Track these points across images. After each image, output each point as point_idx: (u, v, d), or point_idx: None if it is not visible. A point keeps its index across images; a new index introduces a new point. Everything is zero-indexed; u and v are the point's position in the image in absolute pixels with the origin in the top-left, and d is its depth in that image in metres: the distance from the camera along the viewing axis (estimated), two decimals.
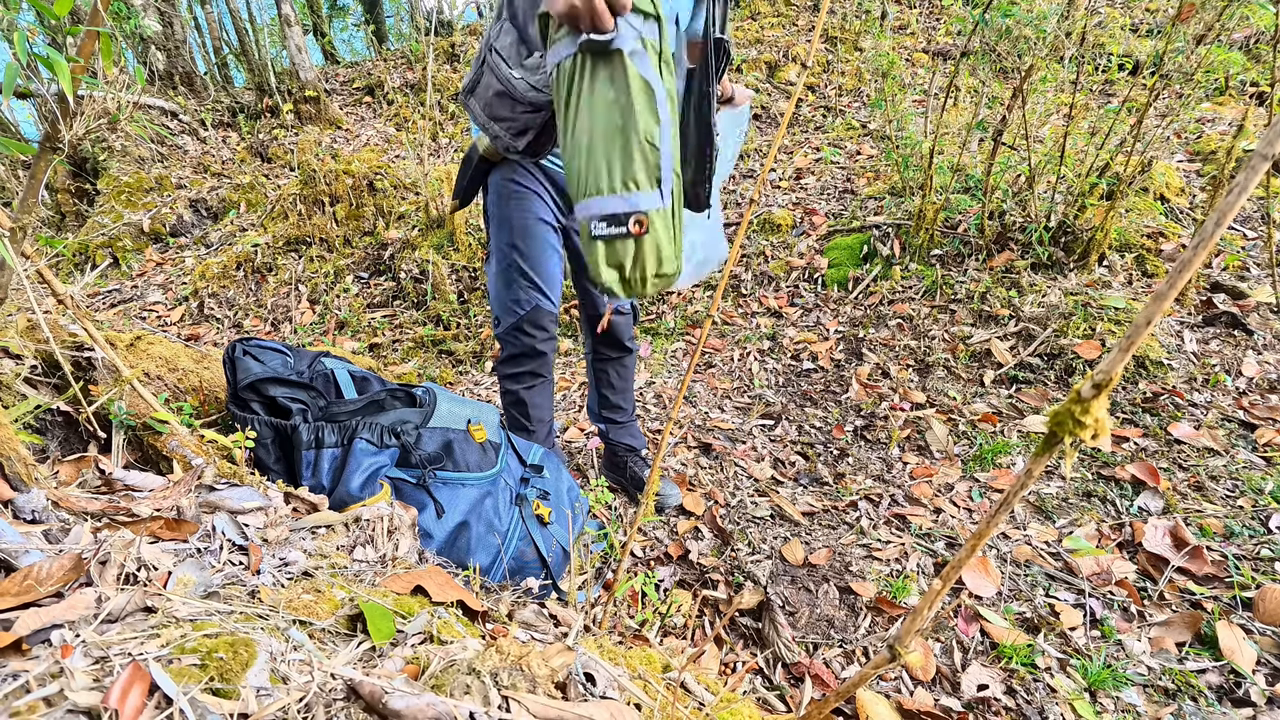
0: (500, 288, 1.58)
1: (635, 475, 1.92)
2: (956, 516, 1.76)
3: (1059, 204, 2.50)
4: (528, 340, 1.61)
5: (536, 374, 1.69)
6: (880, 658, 0.62)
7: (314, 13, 7.26)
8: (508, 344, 1.63)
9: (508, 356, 1.66)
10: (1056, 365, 2.16)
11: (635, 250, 1.05)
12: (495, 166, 1.52)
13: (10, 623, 0.58)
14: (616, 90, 1.03)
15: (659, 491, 1.90)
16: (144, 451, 1.16)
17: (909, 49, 4.88)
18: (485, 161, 1.51)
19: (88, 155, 4.28)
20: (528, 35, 1.22)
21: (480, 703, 0.60)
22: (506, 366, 1.68)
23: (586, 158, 1.04)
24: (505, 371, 1.69)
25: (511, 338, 1.61)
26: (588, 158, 1.04)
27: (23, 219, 0.97)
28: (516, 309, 1.57)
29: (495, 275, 1.58)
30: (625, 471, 1.94)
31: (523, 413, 1.72)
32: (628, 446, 1.94)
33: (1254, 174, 0.35)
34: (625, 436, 1.94)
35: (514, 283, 1.55)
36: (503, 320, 1.61)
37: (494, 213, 1.54)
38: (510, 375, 1.69)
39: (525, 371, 1.67)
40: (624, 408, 1.93)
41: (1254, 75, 3.26)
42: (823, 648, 1.43)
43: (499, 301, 1.59)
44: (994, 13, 2.20)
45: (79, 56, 0.96)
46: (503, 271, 1.56)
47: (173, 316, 3.36)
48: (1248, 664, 1.26)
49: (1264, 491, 1.64)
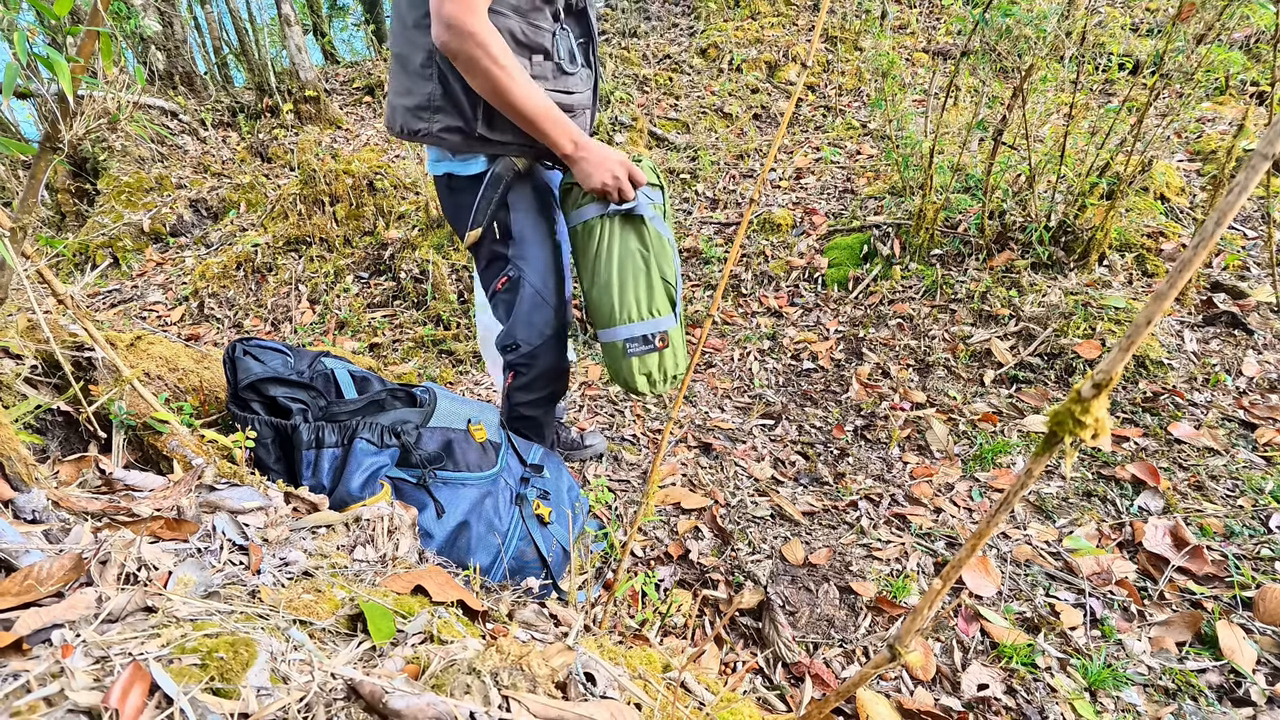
0: (528, 310, 1.46)
1: (566, 439, 2.09)
2: (956, 516, 1.76)
3: (1059, 203, 2.50)
4: (559, 359, 1.54)
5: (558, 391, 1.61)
6: (880, 657, 0.62)
7: (314, 13, 7.26)
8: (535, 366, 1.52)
9: (531, 381, 1.54)
10: (1057, 365, 2.16)
11: (659, 360, 1.44)
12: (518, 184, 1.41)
13: (11, 622, 0.58)
14: (640, 244, 1.40)
15: (586, 441, 2.09)
16: (144, 451, 1.16)
17: (909, 48, 4.88)
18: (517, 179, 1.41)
19: (88, 155, 4.29)
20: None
21: (480, 702, 0.60)
22: (531, 392, 1.56)
23: (617, 293, 1.39)
24: (529, 398, 1.57)
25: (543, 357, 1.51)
26: (618, 293, 1.39)
27: (23, 219, 0.97)
28: (546, 330, 1.48)
29: (524, 298, 1.45)
30: (558, 441, 2.07)
31: (538, 433, 1.64)
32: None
33: (1254, 173, 0.35)
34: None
35: (546, 304, 1.47)
36: (528, 344, 1.48)
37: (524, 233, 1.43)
38: (534, 401, 1.57)
39: (552, 392, 1.59)
40: None
41: (1254, 75, 3.26)
42: (823, 647, 1.43)
43: (527, 325, 1.47)
44: (994, 12, 2.20)
45: (79, 56, 0.96)
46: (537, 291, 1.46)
47: (173, 316, 3.36)
48: (1248, 663, 1.26)
49: (1264, 491, 1.64)
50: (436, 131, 1.31)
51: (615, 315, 1.40)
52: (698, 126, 4.38)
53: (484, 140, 1.31)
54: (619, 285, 1.38)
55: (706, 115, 4.49)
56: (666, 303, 1.42)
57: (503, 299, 1.48)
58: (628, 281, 1.39)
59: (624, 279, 1.39)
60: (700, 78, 4.93)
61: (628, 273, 1.39)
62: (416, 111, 1.31)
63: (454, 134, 1.30)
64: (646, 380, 1.45)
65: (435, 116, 1.30)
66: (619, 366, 1.44)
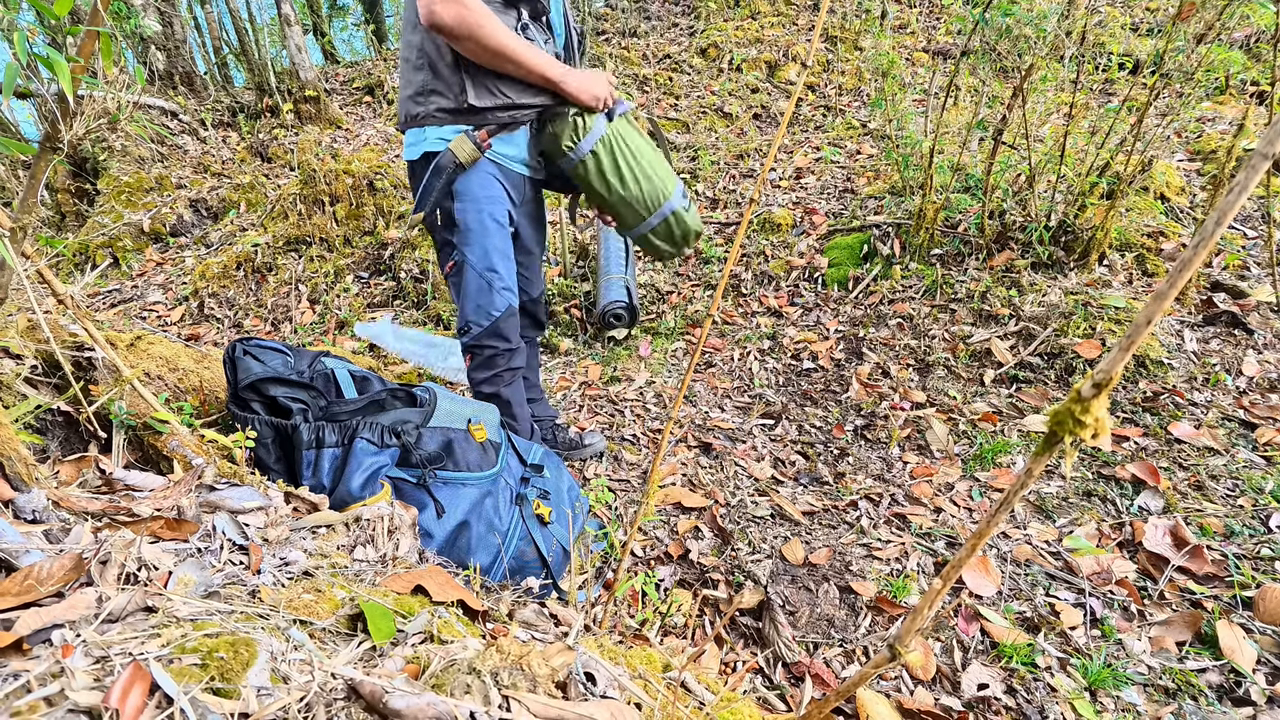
0: (474, 293, 1.61)
1: (565, 439, 2.12)
2: (957, 516, 1.76)
3: (1059, 203, 2.50)
4: (505, 341, 1.67)
5: (513, 368, 1.74)
6: (880, 657, 0.62)
7: (314, 13, 7.25)
8: (485, 349, 1.67)
9: (485, 360, 1.69)
10: (1057, 365, 2.16)
11: (695, 212, 1.73)
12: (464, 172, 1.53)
13: (11, 622, 0.58)
14: (641, 136, 1.65)
15: (585, 441, 2.13)
16: (144, 451, 1.16)
17: (909, 48, 4.88)
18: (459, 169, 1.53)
19: (88, 155, 4.28)
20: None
21: (481, 702, 0.60)
22: (484, 371, 1.71)
23: (658, 174, 1.64)
24: (483, 376, 1.71)
25: (489, 341, 1.66)
26: (659, 173, 1.64)
27: (23, 219, 0.97)
28: (493, 311, 1.62)
29: (469, 282, 1.60)
30: (557, 440, 2.12)
31: (508, 412, 1.75)
32: (550, 419, 2.11)
33: (1254, 173, 0.35)
34: (545, 410, 2.10)
35: (490, 287, 1.61)
36: (476, 325, 1.64)
37: (467, 221, 1.56)
38: (488, 379, 1.72)
39: (505, 370, 1.72)
40: (538, 385, 2.09)
41: (1254, 74, 3.26)
42: (823, 647, 1.43)
43: (473, 307, 1.62)
44: (994, 12, 2.20)
45: (79, 56, 0.96)
46: (480, 275, 1.59)
47: (173, 316, 3.36)
48: (1248, 663, 1.26)
49: (1264, 491, 1.64)
50: (432, 111, 1.50)
51: (663, 193, 1.64)
52: (698, 126, 4.38)
53: (472, 110, 1.48)
54: (654, 169, 1.63)
55: (706, 115, 4.49)
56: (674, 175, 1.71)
57: (452, 282, 1.67)
58: (657, 164, 1.64)
59: (655, 162, 1.64)
60: (700, 77, 4.93)
61: (655, 157, 1.65)
62: (414, 98, 1.51)
63: (446, 113, 1.49)
64: (698, 228, 1.74)
65: (430, 99, 1.49)
66: (684, 227, 1.69)
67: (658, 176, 1.63)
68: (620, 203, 1.63)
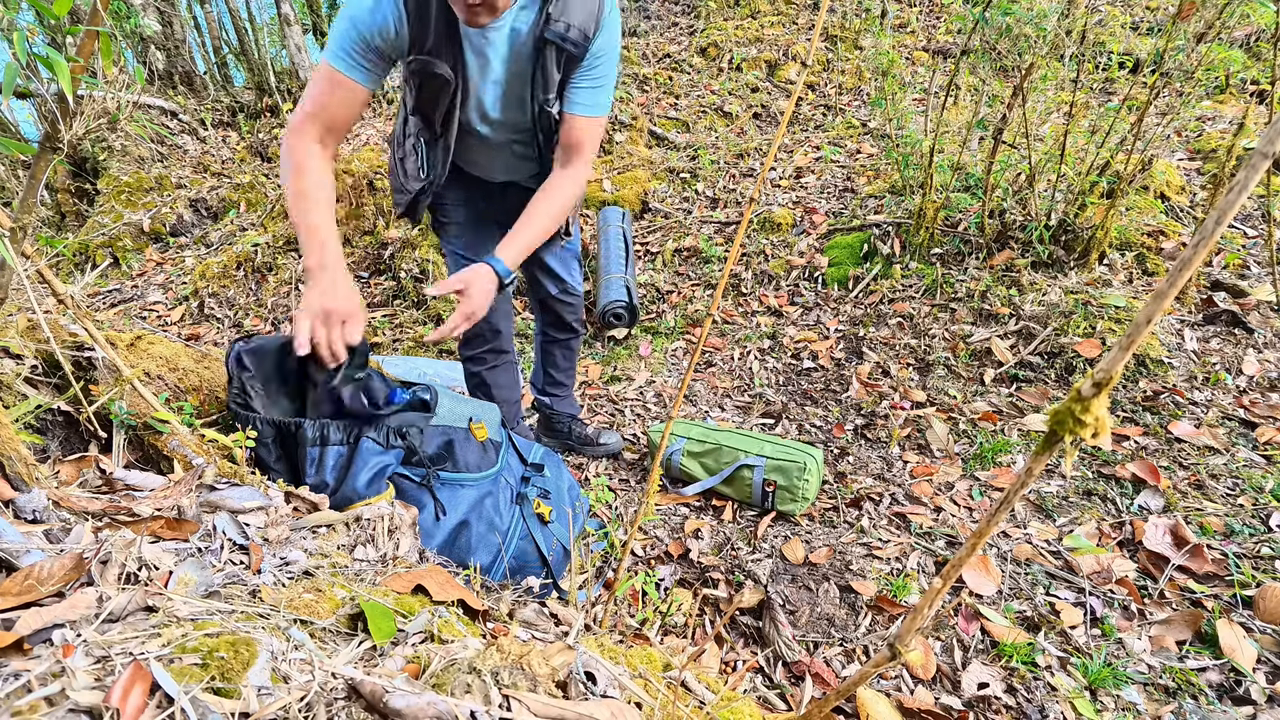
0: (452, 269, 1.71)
1: (581, 435, 2.16)
2: (957, 515, 1.76)
3: (1059, 202, 2.50)
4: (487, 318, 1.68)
5: (497, 351, 1.81)
6: (881, 656, 0.62)
7: (314, 12, 7.24)
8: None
9: (465, 339, 1.79)
10: (1057, 364, 2.16)
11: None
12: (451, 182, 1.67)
13: (12, 622, 0.58)
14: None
15: (601, 440, 2.17)
16: (145, 451, 1.16)
17: (909, 47, 4.87)
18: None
19: (88, 155, 4.28)
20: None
21: (481, 702, 0.60)
22: (465, 349, 1.83)
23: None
24: (465, 354, 1.84)
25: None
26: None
27: (23, 219, 0.97)
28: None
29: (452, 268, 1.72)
30: (571, 435, 2.16)
31: (486, 394, 1.83)
32: (569, 415, 2.15)
33: (1254, 172, 0.35)
34: (566, 407, 2.14)
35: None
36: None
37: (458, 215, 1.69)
38: (470, 358, 1.83)
39: (486, 351, 1.80)
40: (566, 384, 2.12)
41: (1254, 73, 3.25)
42: (823, 646, 1.43)
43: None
44: (994, 11, 2.20)
45: (79, 56, 0.96)
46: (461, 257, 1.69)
47: (173, 316, 3.36)
48: (1248, 662, 1.26)
49: (1264, 490, 1.64)
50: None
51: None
52: (698, 125, 4.38)
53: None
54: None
55: (706, 114, 4.49)
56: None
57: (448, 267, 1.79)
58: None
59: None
60: (700, 77, 4.93)
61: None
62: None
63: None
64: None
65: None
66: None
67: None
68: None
